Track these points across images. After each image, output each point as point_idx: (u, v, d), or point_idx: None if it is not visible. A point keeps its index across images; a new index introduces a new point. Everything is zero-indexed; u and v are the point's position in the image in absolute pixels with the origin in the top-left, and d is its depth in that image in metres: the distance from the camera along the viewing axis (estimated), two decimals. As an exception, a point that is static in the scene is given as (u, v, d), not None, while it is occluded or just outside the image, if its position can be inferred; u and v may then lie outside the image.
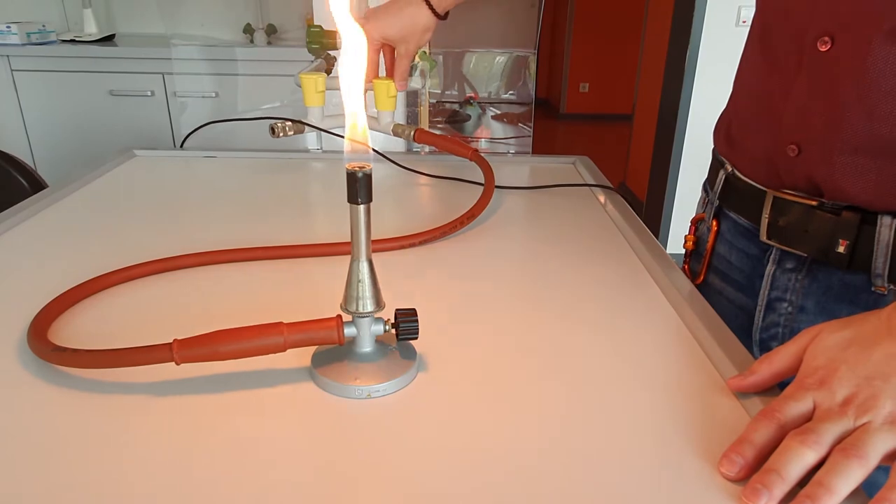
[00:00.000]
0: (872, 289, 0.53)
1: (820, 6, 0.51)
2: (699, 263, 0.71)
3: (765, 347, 0.62)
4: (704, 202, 0.71)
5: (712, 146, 0.70)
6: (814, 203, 0.55)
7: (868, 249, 0.52)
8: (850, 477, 0.33)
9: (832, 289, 0.56)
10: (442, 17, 0.82)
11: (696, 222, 0.73)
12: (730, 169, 0.65)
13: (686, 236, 0.73)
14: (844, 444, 0.35)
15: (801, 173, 0.55)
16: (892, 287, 0.52)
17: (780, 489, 0.34)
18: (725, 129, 0.67)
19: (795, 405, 0.38)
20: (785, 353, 0.43)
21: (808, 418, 0.37)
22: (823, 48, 0.51)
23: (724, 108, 0.69)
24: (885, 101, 0.48)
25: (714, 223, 0.68)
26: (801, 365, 0.41)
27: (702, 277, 0.70)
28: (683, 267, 0.73)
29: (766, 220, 0.59)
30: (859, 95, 0.49)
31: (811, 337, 0.42)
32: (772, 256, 0.60)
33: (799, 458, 0.35)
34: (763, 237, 0.59)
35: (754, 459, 0.36)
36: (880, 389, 0.36)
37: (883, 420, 0.35)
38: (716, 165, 0.68)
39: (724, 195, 0.66)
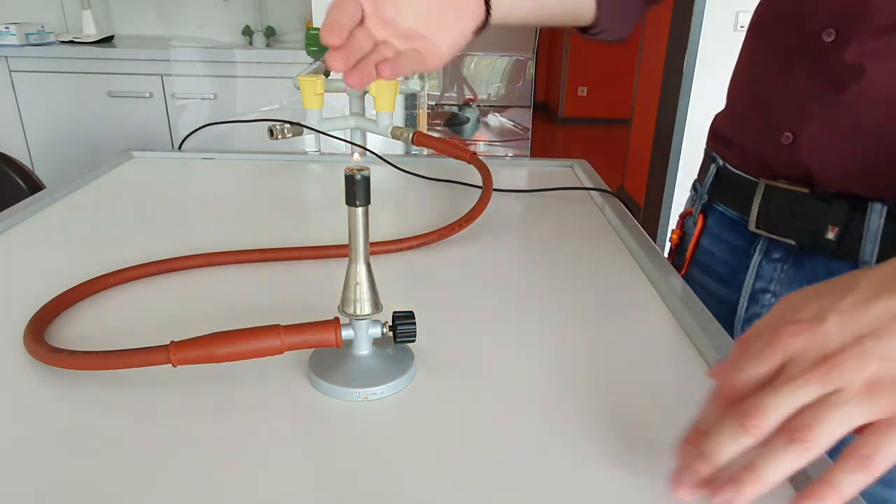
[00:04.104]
0: None
1: (823, 1, 0.53)
2: (683, 258, 0.72)
3: None
4: (693, 200, 0.72)
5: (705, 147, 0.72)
6: (805, 191, 0.56)
7: (857, 236, 0.53)
8: (786, 465, 0.29)
9: (816, 277, 0.56)
10: (484, 25, 0.56)
11: (684, 217, 0.73)
12: (721, 163, 0.66)
13: (673, 230, 0.74)
14: (794, 424, 0.30)
15: (795, 161, 0.56)
16: None
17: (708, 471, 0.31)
18: (717, 126, 0.68)
19: (756, 367, 0.32)
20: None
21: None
22: (828, 39, 0.52)
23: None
24: (887, 91, 0.49)
25: (701, 217, 0.68)
26: (780, 311, 0.34)
27: (684, 271, 0.71)
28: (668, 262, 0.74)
29: (757, 209, 0.59)
30: (862, 86, 0.50)
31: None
32: (759, 246, 0.61)
33: (734, 443, 0.31)
34: (752, 226, 0.60)
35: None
36: (870, 350, 0.30)
37: (858, 388, 0.30)
38: (706, 162, 0.69)
39: (714, 189, 0.67)
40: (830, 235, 0.54)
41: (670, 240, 0.75)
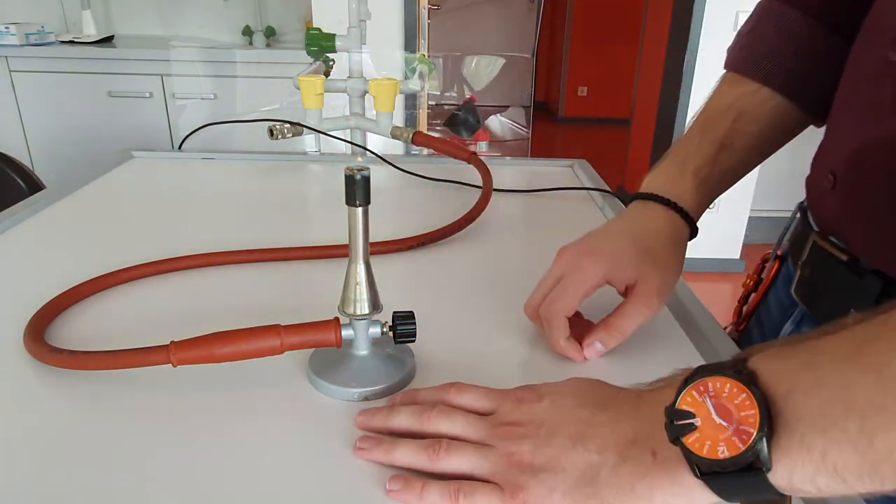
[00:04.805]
0: None
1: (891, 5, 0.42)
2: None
3: None
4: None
5: None
6: (843, 258, 0.46)
7: None
8: (413, 460, 0.35)
9: None
10: (692, 235, 0.53)
11: (764, 261, 0.62)
12: (805, 205, 0.55)
13: (749, 274, 0.63)
14: (440, 443, 0.36)
15: (834, 212, 0.47)
16: None
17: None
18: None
19: (475, 400, 0.39)
20: None
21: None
22: (894, 58, 0.41)
23: None
24: None
25: (776, 265, 0.59)
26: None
27: (744, 325, 0.61)
28: (734, 314, 0.64)
29: (800, 271, 0.51)
30: None
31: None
32: (794, 315, 0.52)
33: (405, 419, 0.38)
34: (792, 288, 0.52)
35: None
36: (533, 438, 0.35)
37: (502, 455, 0.35)
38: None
39: (794, 237, 0.56)
40: (850, 321, 0.43)
41: (744, 285, 0.62)
